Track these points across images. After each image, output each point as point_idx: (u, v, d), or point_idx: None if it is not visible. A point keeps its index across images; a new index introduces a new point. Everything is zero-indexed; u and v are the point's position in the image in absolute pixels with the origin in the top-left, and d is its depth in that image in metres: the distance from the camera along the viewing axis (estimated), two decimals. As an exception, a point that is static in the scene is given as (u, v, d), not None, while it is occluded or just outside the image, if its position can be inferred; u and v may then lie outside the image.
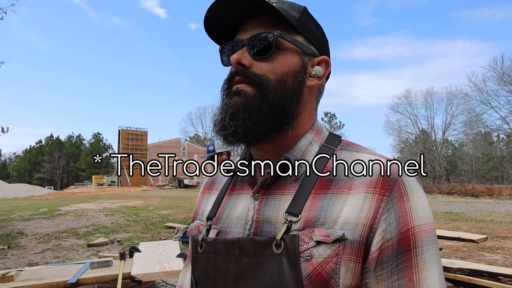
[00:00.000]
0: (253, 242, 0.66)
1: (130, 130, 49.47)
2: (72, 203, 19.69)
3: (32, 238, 9.52)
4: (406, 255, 0.61)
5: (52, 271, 2.90)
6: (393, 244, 0.61)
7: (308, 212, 0.65)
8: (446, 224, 11.20)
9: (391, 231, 0.61)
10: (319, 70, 0.75)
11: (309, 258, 0.61)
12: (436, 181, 44.20)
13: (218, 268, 0.69)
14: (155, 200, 20.87)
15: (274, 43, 0.69)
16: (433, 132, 48.77)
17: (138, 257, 3.08)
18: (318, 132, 0.77)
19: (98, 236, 9.56)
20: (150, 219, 12.65)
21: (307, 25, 0.74)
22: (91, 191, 35.16)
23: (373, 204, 0.62)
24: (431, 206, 15.30)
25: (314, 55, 0.75)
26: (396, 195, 0.63)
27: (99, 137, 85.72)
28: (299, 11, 0.73)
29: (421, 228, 0.62)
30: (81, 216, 13.86)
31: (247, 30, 0.73)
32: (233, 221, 0.74)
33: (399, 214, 0.62)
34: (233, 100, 0.70)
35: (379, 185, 0.64)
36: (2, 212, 15.94)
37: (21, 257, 7.52)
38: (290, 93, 0.70)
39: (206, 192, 0.90)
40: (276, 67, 0.70)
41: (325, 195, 0.66)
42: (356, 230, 0.61)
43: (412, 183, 0.65)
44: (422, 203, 0.64)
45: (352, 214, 0.62)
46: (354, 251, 0.61)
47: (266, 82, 0.69)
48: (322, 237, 0.61)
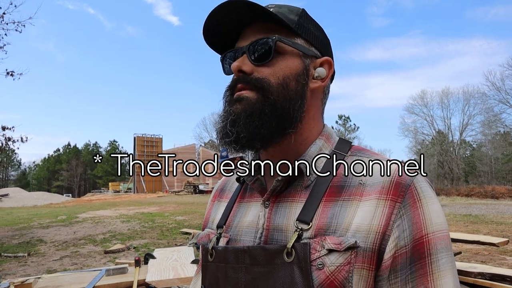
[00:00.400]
0: (263, 251, 0.65)
1: (145, 137, 50.04)
2: (90, 210, 19.96)
3: (51, 245, 9.67)
4: (421, 262, 0.60)
5: (69, 278, 2.94)
6: (407, 251, 0.60)
7: (319, 219, 0.64)
8: (465, 227, 10.96)
9: (404, 238, 0.60)
10: (322, 71, 0.74)
11: (321, 266, 0.60)
12: (454, 183, 43.37)
13: (228, 277, 0.69)
14: (171, 206, 21.00)
15: (274, 47, 0.69)
16: (450, 133, 48.01)
17: (153, 264, 3.10)
18: (328, 138, 0.76)
19: (114, 242, 9.66)
20: (166, 225, 12.72)
21: (307, 27, 0.73)
22: (108, 198, 35.60)
23: (385, 211, 0.61)
24: (450, 208, 15.01)
25: (316, 56, 0.75)
26: (409, 202, 0.62)
27: (115, 145, 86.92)
28: (297, 13, 0.73)
29: (436, 235, 0.61)
30: (98, 223, 14.02)
31: (247, 37, 0.73)
32: (244, 229, 0.74)
33: (413, 221, 0.61)
34: (235, 107, 0.70)
35: (391, 191, 0.63)
36: (22, 220, 16.27)
37: (41, 264, 7.65)
38: (293, 96, 0.70)
39: (216, 200, 0.90)
40: (277, 70, 0.70)
41: (336, 202, 0.65)
42: (369, 237, 0.60)
43: (425, 188, 0.64)
44: (435, 209, 0.63)
45: (364, 222, 0.61)
46: (367, 259, 0.60)
47: (268, 85, 0.69)
48: (334, 245, 0.60)
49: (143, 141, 49.38)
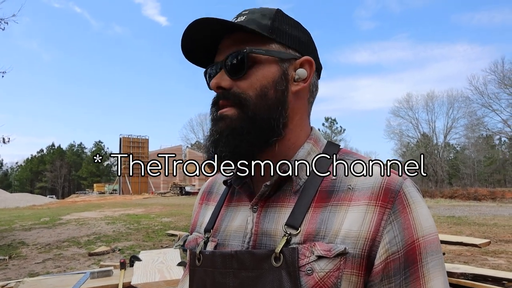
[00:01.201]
0: (251, 255, 0.65)
1: (131, 138, 49.56)
2: (74, 212, 19.67)
3: (33, 248, 9.49)
4: (414, 267, 0.60)
5: (51, 282, 2.88)
6: (400, 257, 0.60)
7: (308, 225, 0.64)
8: (449, 228, 11.14)
9: (396, 243, 0.61)
10: (302, 72, 0.72)
11: (310, 272, 0.60)
12: (438, 185, 44.05)
13: (216, 281, 0.68)
14: (157, 208, 20.83)
15: (246, 60, 0.68)
16: (434, 136, 48.66)
17: (138, 266, 3.07)
18: (316, 142, 0.76)
19: (99, 245, 9.53)
20: (152, 227, 12.61)
21: (282, 30, 0.72)
22: (92, 200, 35.15)
23: (375, 217, 0.61)
24: (434, 210, 15.26)
25: (295, 58, 0.73)
26: (399, 208, 0.62)
27: (100, 145, 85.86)
28: (270, 17, 0.71)
29: (426, 239, 0.62)
30: (82, 225, 13.83)
31: (222, 51, 0.73)
32: (232, 234, 0.73)
33: (404, 226, 0.61)
34: (218, 126, 0.71)
35: (380, 197, 0.63)
36: (4, 222, 15.92)
37: (22, 267, 7.49)
38: (272, 105, 0.69)
39: (203, 203, 0.89)
40: (254, 82, 0.69)
41: (325, 208, 0.65)
42: (358, 243, 0.61)
43: (413, 194, 0.65)
44: (424, 213, 0.64)
45: (353, 228, 0.62)
46: (356, 265, 0.60)
47: (245, 100, 0.69)
48: (323, 252, 0.60)
49: (129, 142, 48.93)
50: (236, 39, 0.70)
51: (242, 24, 0.68)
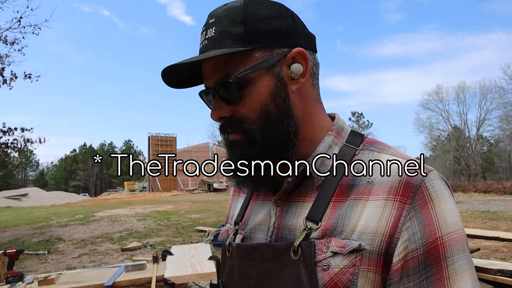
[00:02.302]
0: (271, 248, 0.66)
1: (160, 137, 50.47)
2: (106, 209, 20.24)
3: (70, 243, 9.86)
4: (437, 267, 0.57)
5: (89, 275, 2.99)
6: (419, 255, 0.58)
7: (327, 220, 0.64)
8: (484, 223, 10.77)
9: (415, 241, 0.58)
10: (298, 68, 0.67)
11: (326, 267, 0.60)
12: (472, 179, 42.56)
13: (241, 272, 0.71)
14: (186, 205, 21.15)
15: (237, 89, 0.65)
16: (466, 129, 47.00)
17: (170, 260, 3.13)
18: (338, 133, 0.73)
19: (131, 240, 9.79)
20: (181, 223, 12.83)
21: (258, 31, 0.65)
22: (123, 197, 36.04)
23: (393, 212, 0.59)
24: (467, 205, 14.70)
25: (284, 54, 0.67)
26: (419, 203, 0.59)
27: (130, 144, 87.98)
28: (241, 20, 0.64)
29: (451, 237, 0.59)
30: (114, 222, 14.22)
31: (207, 75, 0.69)
32: (257, 227, 0.75)
33: (424, 223, 0.58)
34: (232, 152, 0.70)
35: (400, 191, 0.61)
36: (42, 219, 16.60)
37: (60, 261, 7.81)
38: (278, 120, 0.66)
39: (235, 194, 0.91)
40: (251, 104, 0.65)
41: (344, 203, 0.64)
42: (375, 240, 0.59)
43: (438, 187, 0.61)
44: (449, 209, 0.60)
45: (371, 223, 0.60)
46: (373, 262, 0.59)
47: (249, 125, 0.66)
48: (337, 248, 0.60)
49: (158, 140, 49.83)
50: (217, 61, 0.66)
51: (215, 54, 0.62)
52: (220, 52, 0.62)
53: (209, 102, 0.73)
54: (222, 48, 0.63)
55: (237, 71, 0.64)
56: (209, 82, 0.68)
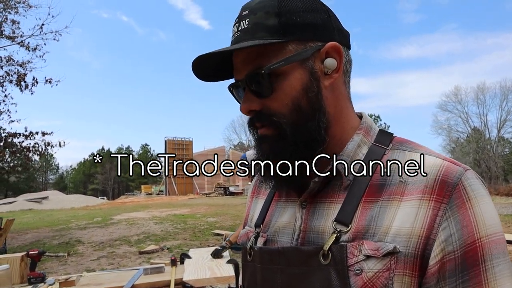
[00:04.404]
0: (298, 252, 0.63)
1: (176, 140, 50.88)
2: (124, 212, 20.49)
3: (89, 246, 10.00)
4: (474, 270, 0.54)
5: (108, 277, 3.01)
6: (456, 258, 0.55)
7: (358, 222, 0.61)
8: (507, 227, 10.48)
9: (452, 242, 0.55)
10: (331, 62, 0.65)
11: (359, 272, 0.57)
12: (493, 181, 41.55)
13: (265, 278, 0.68)
14: (202, 208, 21.24)
15: (268, 81, 0.63)
16: (486, 130, 45.95)
17: (189, 263, 3.13)
18: (367, 132, 0.71)
19: (148, 243, 9.87)
20: (198, 227, 12.88)
21: (293, 23, 0.63)
22: (140, 201, 36.45)
23: (429, 212, 0.57)
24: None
25: (318, 48, 0.65)
26: (457, 202, 0.56)
27: (146, 148, 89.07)
28: (275, 12, 0.63)
29: (490, 239, 0.55)
30: (132, 225, 14.38)
31: (238, 68, 0.67)
32: (280, 230, 0.72)
33: (462, 224, 0.55)
34: (261, 148, 0.68)
35: (435, 190, 0.58)
36: (61, 222, 16.91)
37: (80, 263, 7.92)
38: (309, 115, 0.64)
39: (254, 196, 0.89)
40: (283, 98, 0.64)
41: (375, 203, 0.61)
42: (411, 242, 0.56)
43: (476, 186, 0.58)
44: (488, 209, 0.57)
45: (405, 224, 0.57)
46: (409, 265, 0.56)
47: (280, 120, 0.64)
48: (371, 251, 0.57)
49: (174, 144, 50.25)
50: (249, 52, 0.64)
51: (248, 44, 0.60)
52: (253, 43, 0.61)
53: (238, 97, 0.71)
54: (255, 39, 0.62)
55: (270, 63, 0.62)
56: (240, 74, 0.67)
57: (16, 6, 13.65)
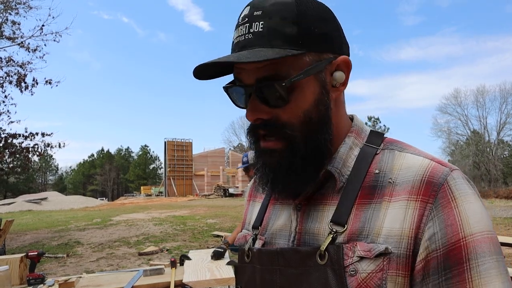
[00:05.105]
0: (296, 252, 0.64)
1: (176, 142, 50.79)
2: (123, 214, 20.47)
3: (88, 247, 9.98)
4: (458, 268, 0.54)
5: (108, 278, 3.01)
6: (439, 256, 0.55)
7: (352, 224, 0.62)
8: (507, 230, 10.49)
9: (435, 241, 0.56)
10: (340, 76, 0.65)
11: (354, 273, 0.58)
12: (492, 184, 41.58)
13: (264, 278, 0.69)
14: (202, 209, 21.23)
15: (285, 93, 0.61)
16: (486, 133, 45.89)
17: (189, 265, 3.13)
18: (358, 134, 0.71)
19: (148, 245, 9.86)
20: (198, 228, 12.87)
21: (311, 33, 0.61)
22: (140, 202, 36.42)
23: (415, 213, 0.57)
24: (488, 211, 14.28)
25: (330, 60, 0.64)
26: (442, 202, 0.57)
27: (146, 149, 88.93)
28: (294, 19, 0.60)
29: (475, 238, 0.55)
30: (131, 226, 14.36)
31: (247, 72, 0.63)
32: (277, 233, 0.73)
33: (446, 223, 0.56)
34: (265, 160, 0.66)
35: (421, 191, 0.58)
36: (61, 223, 16.89)
37: (79, 264, 7.91)
38: (319, 128, 0.64)
39: (251, 199, 0.89)
40: (296, 110, 0.62)
41: (369, 205, 0.62)
42: (402, 242, 0.57)
43: (461, 186, 0.59)
44: (474, 208, 0.57)
45: (395, 225, 0.58)
46: (402, 266, 0.57)
47: (291, 132, 0.63)
48: (363, 252, 0.58)
49: (174, 145, 50.19)
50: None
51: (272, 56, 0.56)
52: (277, 54, 0.57)
53: (237, 98, 0.68)
54: (272, 47, 0.59)
55: (286, 74, 0.60)
56: (249, 78, 0.63)
57: (17, 7, 13.67)
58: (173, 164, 48.83)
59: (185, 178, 49.32)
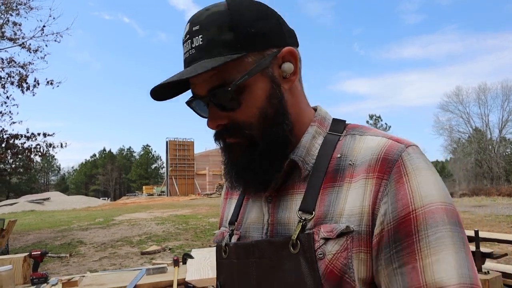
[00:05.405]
0: (270, 244, 0.65)
1: (177, 141, 50.84)
2: (125, 213, 20.51)
3: (90, 247, 10.01)
4: (407, 241, 0.55)
5: (111, 277, 3.02)
6: (390, 230, 0.56)
7: (318, 209, 0.63)
8: (510, 227, 10.46)
9: (387, 215, 0.57)
10: (288, 67, 0.67)
11: (322, 256, 0.59)
12: (495, 182, 41.45)
13: (240, 271, 0.71)
14: (204, 209, 21.25)
15: (234, 96, 0.63)
16: (488, 131, 45.73)
17: (191, 263, 3.13)
18: (321, 123, 0.73)
19: (150, 244, 9.88)
20: (200, 227, 12.89)
21: (249, 35, 0.63)
22: (142, 201, 36.48)
23: (372, 189, 0.59)
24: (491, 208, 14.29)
25: (274, 54, 0.66)
26: (395, 177, 0.58)
27: (148, 149, 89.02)
28: (229, 26, 0.62)
29: (426, 209, 0.56)
30: (134, 225, 14.39)
31: (199, 84, 0.66)
32: (251, 226, 0.75)
33: (397, 197, 0.57)
34: (230, 157, 0.69)
35: (377, 168, 0.60)
36: (63, 222, 16.94)
37: (81, 264, 7.93)
38: (276, 121, 0.66)
39: (227, 197, 0.91)
40: (250, 109, 0.64)
41: (332, 189, 0.64)
42: (362, 220, 0.59)
43: (415, 160, 0.60)
44: (426, 181, 0.58)
45: (356, 204, 0.60)
46: (364, 242, 0.58)
47: (251, 134, 0.65)
48: (326, 233, 0.60)
49: (175, 145, 50.25)
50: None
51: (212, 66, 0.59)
52: (216, 63, 0.59)
53: (200, 110, 0.70)
54: (213, 57, 0.61)
55: (233, 78, 0.62)
56: (201, 90, 0.66)
57: (17, 8, 13.68)
58: (175, 164, 48.88)
59: (187, 177, 49.37)
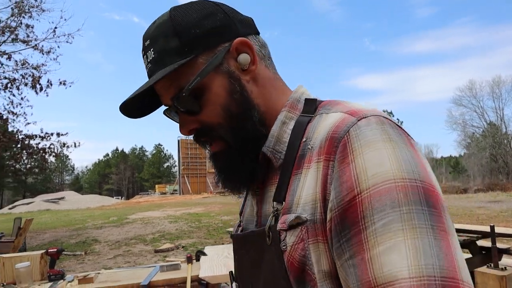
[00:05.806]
0: (253, 235, 0.66)
1: (189, 140, 50.97)
2: (139, 212, 20.71)
3: (105, 245, 10.14)
4: (354, 229, 0.48)
5: (125, 274, 3.05)
6: (336, 217, 0.50)
7: (287, 198, 0.60)
8: (526, 223, 10.27)
9: (333, 200, 0.51)
10: (244, 57, 0.65)
11: (285, 248, 0.57)
12: (510, 177, 40.73)
13: (239, 261, 0.73)
14: (216, 207, 21.34)
15: (193, 100, 0.64)
16: (503, 124, 44.88)
17: (205, 260, 3.15)
18: (292, 106, 0.68)
19: (164, 242, 9.97)
20: (212, 225, 12.95)
21: (193, 37, 0.63)
22: (155, 200, 36.78)
23: (322, 173, 0.54)
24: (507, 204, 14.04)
25: (227, 49, 0.65)
26: (339, 157, 0.52)
27: (160, 148, 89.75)
28: (173, 33, 0.62)
29: (372, 191, 0.48)
30: (147, 224, 14.53)
31: (162, 94, 0.67)
32: (248, 218, 0.76)
33: (341, 180, 0.51)
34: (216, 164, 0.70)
35: (325, 149, 0.55)
36: (78, 221, 17.19)
37: (96, 262, 8.05)
38: (243, 116, 0.65)
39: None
40: (213, 109, 0.64)
41: (296, 176, 0.60)
42: (316, 208, 0.54)
43: (365, 134, 0.52)
44: (376, 156, 0.50)
45: (309, 191, 0.56)
46: (320, 231, 0.53)
47: (218, 132, 0.65)
48: (280, 225, 0.58)
49: (187, 143, 50.50)
50: (165, 80, 0.64)
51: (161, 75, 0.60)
52: (165, 72, 0.60)
53: (176, 119, 0.72)
54: (165, 66, 0.62)
55: (187, 83, 0.62)
56: (166, 100, 0.67)
57: (30, 10, 13.89)
58: (187, 162, 49.15)
59: (199, 175, 49.63)
